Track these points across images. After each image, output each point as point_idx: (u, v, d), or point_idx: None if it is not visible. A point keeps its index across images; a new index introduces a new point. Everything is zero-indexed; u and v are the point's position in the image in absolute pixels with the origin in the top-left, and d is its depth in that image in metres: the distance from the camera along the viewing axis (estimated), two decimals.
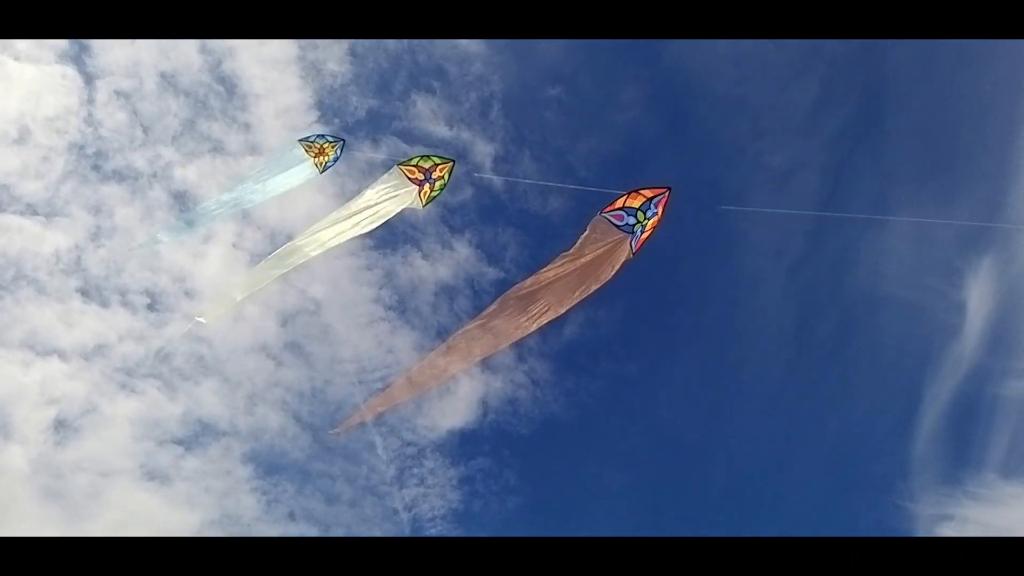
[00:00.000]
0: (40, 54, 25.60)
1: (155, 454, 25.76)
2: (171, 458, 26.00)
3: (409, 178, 14.49)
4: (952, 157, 27.34)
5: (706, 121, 29.24)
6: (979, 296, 26.16)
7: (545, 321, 13.67)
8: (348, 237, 14.56)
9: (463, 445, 28.68)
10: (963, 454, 26.49)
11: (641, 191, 13.31)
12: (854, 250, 28.61)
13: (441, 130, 28.46)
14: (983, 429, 26.05)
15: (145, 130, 26.84)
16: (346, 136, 27.13)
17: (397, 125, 28.27)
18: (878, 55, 27.55)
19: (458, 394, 28.80)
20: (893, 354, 28.22)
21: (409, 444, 28.44)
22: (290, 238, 15.38)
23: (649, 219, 13.24)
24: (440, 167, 14.43)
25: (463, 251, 28.63)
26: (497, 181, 28.65)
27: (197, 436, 26.51)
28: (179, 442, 26.22)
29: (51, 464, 24.18)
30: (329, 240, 14.42)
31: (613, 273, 13.47)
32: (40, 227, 25.30)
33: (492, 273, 28.55)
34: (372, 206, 14.41)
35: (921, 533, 25.61)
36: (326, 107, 28.03)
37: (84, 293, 25.82)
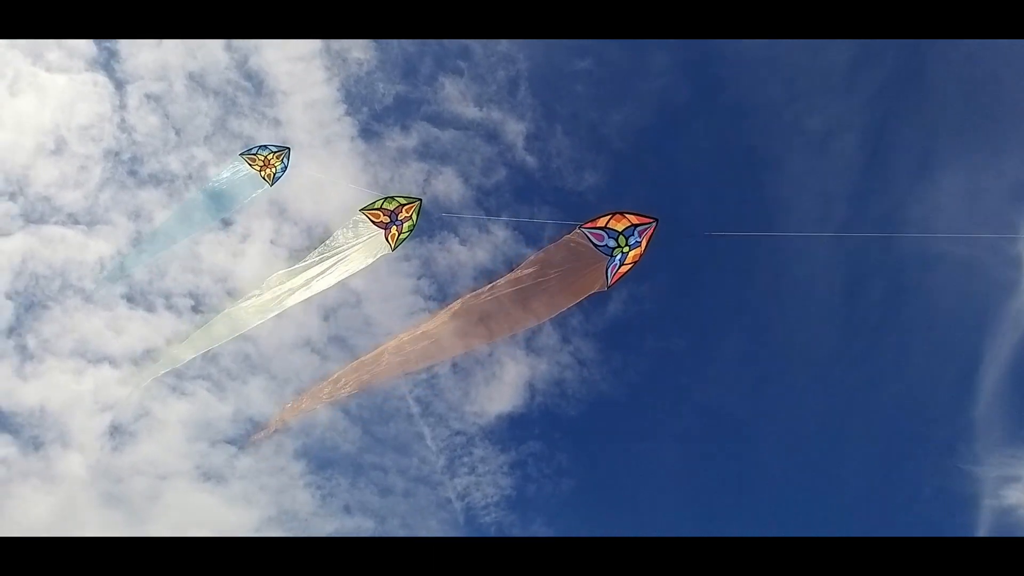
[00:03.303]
0: (70, 63, 25.66)
1: (209, 454, 26.43)
2: (225, 457, 26.62)
3: (373, 222, 13.15)
4: (999, 106, 25.27)
5: (740, 83, 27.82)
6: None
7: (498, 338, 13.10)
8: (316, 291, 13.56)
9: (512, 430, 28.20)
10: None
11: (626, 214, 12.23)
12: (903, 208, 26.92)
13: (471, 111, 27.59)
14: None
15: (177, 132, 26.71)
16: (375, 124, 26.08)
17: (426, 109, 27.65)
18: None
19: (504, 379, 28.16)
20: (949, 314, 26.97)
21: (458, 433, 28.06)
22: (327, 231, 14.22)
23: (631, 248, 12.18)
24: (406, 207, 13.02)
25: (500, 233, 27.45)
26: (531, 160, 27.08)
27: (249, 434, 26.94)
28: (232, 441, 26.77)
29: (109, 469, 25.22)
30: (292, 297, 13.44)
31: (579, 299, 12.63)
32: (82, 236, 25.74)
33: (531, 254, 27.19)
34: (337, 255, 13.24)
35: (987, 497, 25.04)
36: (354, 97, 27.49)
37: (130, 299, 26.36)
